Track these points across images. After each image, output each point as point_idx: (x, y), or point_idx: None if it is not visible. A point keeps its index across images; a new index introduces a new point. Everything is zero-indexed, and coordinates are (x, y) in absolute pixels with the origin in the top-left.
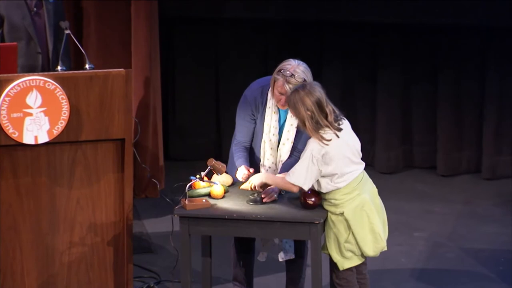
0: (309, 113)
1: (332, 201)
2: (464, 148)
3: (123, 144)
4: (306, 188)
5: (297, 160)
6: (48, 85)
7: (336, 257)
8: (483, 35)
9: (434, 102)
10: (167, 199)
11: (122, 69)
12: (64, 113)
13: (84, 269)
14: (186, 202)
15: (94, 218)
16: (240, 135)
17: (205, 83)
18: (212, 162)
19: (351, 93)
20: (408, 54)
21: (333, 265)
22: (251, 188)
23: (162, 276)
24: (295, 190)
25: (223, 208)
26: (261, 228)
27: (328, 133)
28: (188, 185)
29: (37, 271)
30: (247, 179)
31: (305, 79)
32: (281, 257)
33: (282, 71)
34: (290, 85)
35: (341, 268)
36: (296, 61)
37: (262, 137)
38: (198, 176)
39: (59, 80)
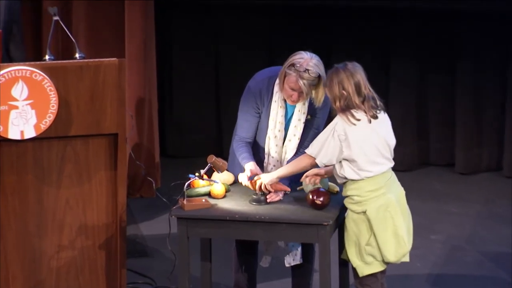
0: (344, 92)
1: (355, 198)
2: (484, 144)
3: (116, 140)
4: (318, 161)
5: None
6: (35, 75)
7: (356, 262)
8: (505, 22)
9: (452, 94)
10: (164, 199)
11: (115, 59)
12: (53, 106)
13: (74, 275)
14: (184, 202)
15: (85, 220)
16: (242, 130)
17: (204, 73)
18: (212, 159)
19: None
20: (424, 42)
21: (354, 270)
22: (260, 189)
23: (158, 282)
24: (310, 163)
25: (224, 209)
26: (265, 230)
27: (359, 113)
28: (186, 183)
29: (23, 276)
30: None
31: (319, 74)
32: (288, 262)
33: (295, 65)
34: (304, 81)
35: (360, 275)
36: (308, 53)
37: (266, 133)
38: (197, 174)
39: (47, 70)
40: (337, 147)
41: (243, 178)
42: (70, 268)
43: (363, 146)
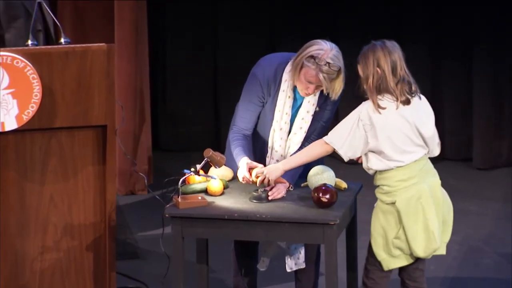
0: (379, 70)
1: (385, 187)
2: (504, 137)
3: (105, 132)
4: (343, 153)
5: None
6: (17, 62)
7: (382, 255)
8: None
9: (469, 83)
10: (157, 196)
11: (103, 44)
12: (36, 96)
13: (58, 278)
14: (179, 199)
15: (71, 218)
16: (242, 121)
17: (201, 60)
18: (209, 153)
19: None
20: (438, 26)
21: (367, 262)
22: (261, 182)
23: (151, 286)
24: (325, 151)
25: (222, 207)
26: (267, 230)
27: (385, 101)
28: (181, 179)
29: (4, 280)
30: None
31: (340, 67)
32: (290, 266)
33: (315, 58)
34: (324, 75)
35: (385, 268)
36: (328, 43)
37: (271, 125)
38: (193, 169)
39: (30, 56)
40: (362, 138)
41: (241, 176)
42: (55, 270)
43: (391, 134)
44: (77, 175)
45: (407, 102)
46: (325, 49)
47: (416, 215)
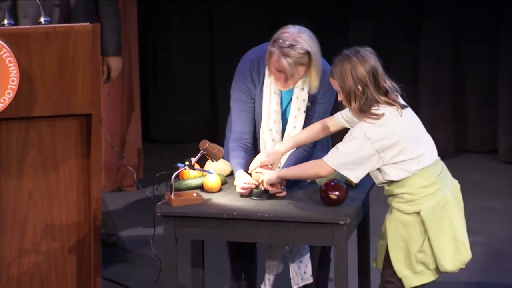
0: (359, 87)
1: (406, 196)
2: None
3: (89, 121)
4: (354, 179)
5: (305, 152)
6: None
7: (403, 271)
8: None
9: (494, 68)
10: (147, 193)
11: (87, 23)
12: (12, 81)
13: (38, 284)
14: (172, 196)
15: (52, 218)
16: (238, 124)
17: (196, 41)
18: (205, 145)
19: (386, 56)
20: (460, 7)
21: (383, 278)
22: (259, 183)
23: None
24: (324, 173)
25: (219, 205)
26: (269, 230)
27: (382, 108)
28: (174, 174)
29: None
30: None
31: (308, 51)
32: (295, 282)
33: (277, 41)
34: (289, 59)
35: (407, 286)
36: (297, 27)
37: (260, 126)
38: (187, 162)
39: (6, 37)
40: (375, 158)
41: (239, 184)
42: (34, 276)
43: (406, 134)
44: (59, 169)
45: (404, 106)
46: (291, 32)
47: (443, 225)
